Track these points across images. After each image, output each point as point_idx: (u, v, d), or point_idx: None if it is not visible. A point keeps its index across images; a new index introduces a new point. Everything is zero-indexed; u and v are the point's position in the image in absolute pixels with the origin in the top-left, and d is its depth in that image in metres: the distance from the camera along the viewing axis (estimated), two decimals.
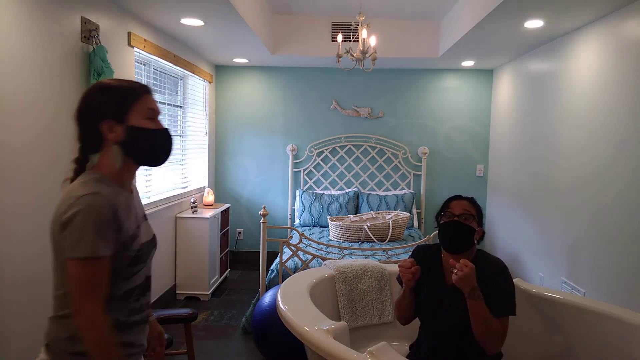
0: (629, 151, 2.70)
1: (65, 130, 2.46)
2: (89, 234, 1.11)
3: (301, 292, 2.06)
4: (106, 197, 1.15)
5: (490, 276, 1.73)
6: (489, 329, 1.64)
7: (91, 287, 1.13)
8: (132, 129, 1.21)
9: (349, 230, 4.20)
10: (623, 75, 2.77)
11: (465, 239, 1.77)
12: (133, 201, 1.29)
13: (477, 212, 1.84)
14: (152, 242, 1.34)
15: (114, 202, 1.16)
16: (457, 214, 1.79)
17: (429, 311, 1.84)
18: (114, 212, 1.15)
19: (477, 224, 1.80)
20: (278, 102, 5.27)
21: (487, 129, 5.26)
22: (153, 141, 1.26)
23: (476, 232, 1.79)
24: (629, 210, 2.69)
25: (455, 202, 1.84)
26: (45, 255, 2.33)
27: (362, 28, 3.39)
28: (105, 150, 1.24)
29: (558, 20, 3.10)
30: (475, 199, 1.90)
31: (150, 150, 1.26)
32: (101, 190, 1.16)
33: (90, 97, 1.26)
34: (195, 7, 2.98)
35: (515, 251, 4.42)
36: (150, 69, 3.68)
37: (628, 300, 2.67)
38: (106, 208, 1.14)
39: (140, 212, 1.34)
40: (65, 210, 1.14)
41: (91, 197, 1.13)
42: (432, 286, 1.84)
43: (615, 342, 1.85)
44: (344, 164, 5.28)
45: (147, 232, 1.32)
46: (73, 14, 2.49)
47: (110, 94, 1.24)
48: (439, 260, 1.88)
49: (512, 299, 1.73)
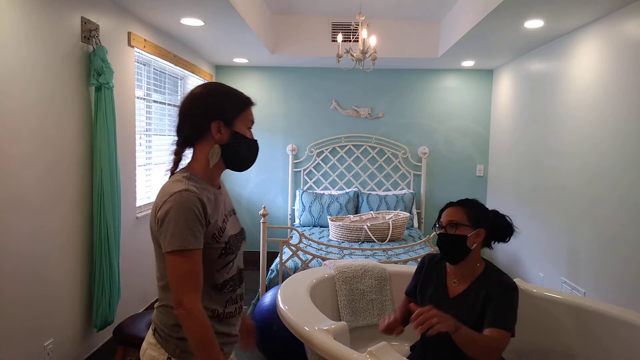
0: (630, 151, 2.70)
1: (65, 128, 2.46)
2: (180, 228, 1.20)
3: (301, 292, 2.06)
4: (195, 193, 1.24)
5: (496, 293, 1.67)
6: (481, 348, 1.57)
7: (187, 279, 1.21)
8: (236, 134, 1.33)
9: (349, 230, 4.20)
10: (623, 75, 2.77)
11: (454, 249, 1.73)
12: (221, 197, 1.38)
13: (469, 214, 1.74)
14: (240, 234, 1.42)
15: (201, 198, 1.25)
16: (443, 225, 1.76)
17: None
18: (202, 206, 1.24)
19: (470, 229, 1.72)
20: (278, 102, 5.27)
21: (487, 129, 5.26)
22: (248, 149, 1.37)
23: (471, 236, 1.72)
24: (629, 210, 2.69)
25: (445, 212, 1.80)
26: (48, 245, 2.34)
27: (362, 28, 3.39)
28: (202, 147, 1.34)
29: (558, 20, 3.10)
30: (471, 200, 1.81)
31: (244, 156, 1.37)
32: (190, 187, 1.24)
33: (208, 96, 1.34)
34: (195, 7, 2.98)
35: (515, 251, 4.42)
36: (150, 69, 3.68)
37: (628, 300, 2.67)
38: (194, 203, 1.22)
39: (228, 206, 1.42)
40: (160, 207, 1.24)
41: (181, 195, 1.22)
42: (435, 296, 1.82)
43: (616, 342, 1.85)
44: (344, 164, 5.28)
45: (234, 225, 1.41)
46: (73, 14, 2.49)
47: (226, 97, 1.35)
48: (444, 271, 1.86)
49: (512, 317, 1.65)
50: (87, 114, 2.64)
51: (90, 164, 2.67)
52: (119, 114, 2.92)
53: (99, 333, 2.83)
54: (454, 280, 1.79)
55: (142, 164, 3.51)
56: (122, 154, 2.98)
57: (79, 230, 2.61)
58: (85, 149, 2.64)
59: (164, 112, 4.03)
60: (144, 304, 3.49)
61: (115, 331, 2.52)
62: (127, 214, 3.10)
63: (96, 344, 2.84)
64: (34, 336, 2.27)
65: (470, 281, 1.76)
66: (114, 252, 2.71)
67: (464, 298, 1.74)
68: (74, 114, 2.53)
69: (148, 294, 3.56)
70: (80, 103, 2.58)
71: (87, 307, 2.70)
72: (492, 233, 1.80)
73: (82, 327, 2.67)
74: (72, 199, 2.53)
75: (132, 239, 3.20)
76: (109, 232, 2.65)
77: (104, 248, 2.64)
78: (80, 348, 2.67)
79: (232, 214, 1.43)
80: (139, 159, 3.40)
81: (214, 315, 1.32)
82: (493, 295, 1.66)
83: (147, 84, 3.62)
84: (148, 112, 3.66)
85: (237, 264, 1.39)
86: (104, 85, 2.60)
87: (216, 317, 1.33)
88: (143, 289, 3.45)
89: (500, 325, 1.61)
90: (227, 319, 1.36)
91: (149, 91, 3.66)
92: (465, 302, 1.73)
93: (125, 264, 3.03)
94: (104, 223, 2.63)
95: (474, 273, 1.76)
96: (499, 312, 1.63)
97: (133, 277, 3.25)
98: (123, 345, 2.48)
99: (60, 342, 2.48)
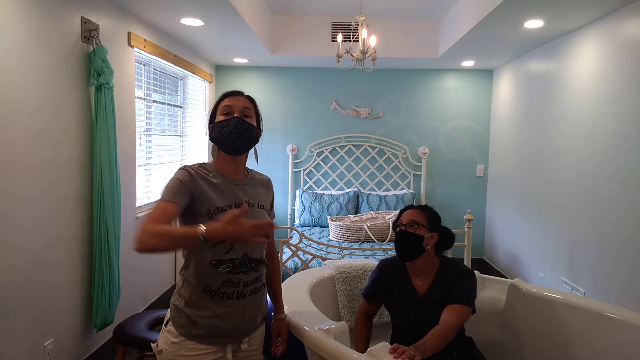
0: (630, 151, 2.70)
1: (65, 128, 2.46)
2: (166, 187, 1.43)
3: (301, 292, 2.06)
4: (190, 169, 1.47)
5: (456, 279, 1.82)
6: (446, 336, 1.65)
7: (152, 215, 1.34)
8: (214, 124, 1.53)
9: (349, 230, 4.20)
10: (623, 75, 2.77)
11: (411, 246, 1.85)
12: (235, 188, 1.53)
13: (428, 218, 1.89)
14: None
15: (194, 175, 1.46)
16: (404, 223, 1.88)
17: (404, 323, 1.91)
18: (191, 179, 1.44)
19: (427, 231, 1.86)
20: (278, 102, 5.27)
21: (487, 129, 5.26)
22: (222, 130, 1.49)
23: (427, 238, 1.85)
24: (629, 210, 2.69)
25: (407, 212, 1.93)
26: (48, 245, 2.34)
27: (362, 28, 3.38)
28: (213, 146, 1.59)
29: (558, 20, 3.10)
30: (430, 207, 1.97)
31: (222, 138, 1.50)
32: (189, 167, 1.48)
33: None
34: (195, 7, 2.98)
35: (515, 251, 4.42)
36: (150, 69, 3.68)
37: (628, 300, 2.67)
38: (184, 175, 1.44)
39: (249, 199, 1.54)
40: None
41: (180, 169, 1.48)
42: (405, 298, 1.92)
43: (615, 342, 1.85)
44: (344, 164, 5.28)
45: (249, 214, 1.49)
46: (73, 14, 2.49)
47: (214, 106, 1.58)
48: (406, 273, 1.95)
49: (471, 295, 1.80)
50: (87, 114, 2.64)
51: (90, 163, 2.67)
52: (119, 114, 2.92)
53: (99, 333, 2.83)
54: (418, 280, 1.92)
55: (142, 164, 3.51)
56: (122, 154, 2.98)
57: (79, 230, 2.61)
58: (85, 148, 2.64)
59: (164, 112, 4.03)
60: (144, 304, 3.49)
61: (115, 331, 2.51)
62: (127, 214, 3.10)
63: (96, 344, 2.84)
64: (34, 336, 2.27)
65: (432, 277, 1.90)
66: (114, 252, 2.71)
67: (431, 293, 1.87)
68: (74, 114, 2.53)
69: (148, 294, 3.56)
70: (80, 103, 2.58)
71: (87, 307, 2.70)
72: (441, 239, 1.94)
73: (82, 327, 2.67)
74: (72, 199, 2.53)
75: (132, 239, 3.18)
76: (108, 232, 2.65)
77: (103, 248, 2.64)
78: (80, 348, 2.67)
79: (255, 206, 1.55)
80: (139, 159, 3.40)
81: (205, 290, 1.45)
82: (453, 281, 1.83)
83: (147, 84, 3.62)
84: (148, 112, 3.66)
85: (242, 249, 1.48)
86: (104, 85, 2.60)
87: (208, 292, 1.46)
88: (143, 289, 3.45)
89: (459, 302, 1.77)
90: (221, 298, 1.46)
91: (149, 91, 3.66)
92: (433, 296, 1.86)
93: (125, 264, 3.03)
94: (103, 223, 2.63)
95: (433, 269, 1.91)
96: (459, 291, 1.80)
97: (133, 277, 3.25)
98: (123, 345, 2.48)
99: (60, 342, 2.48)
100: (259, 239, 1.27)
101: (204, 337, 1.46)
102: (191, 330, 1.46)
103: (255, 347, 1.61)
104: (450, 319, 1.71)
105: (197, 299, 1.46)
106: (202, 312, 1.46)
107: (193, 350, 1.45)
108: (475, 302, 1.83)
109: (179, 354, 1.46)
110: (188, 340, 1.46)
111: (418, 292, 1.90)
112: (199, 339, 1.46)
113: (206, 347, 1.46)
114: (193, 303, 1.46)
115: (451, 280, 1.83)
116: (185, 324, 1.46)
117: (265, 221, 1.32)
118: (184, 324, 1.46)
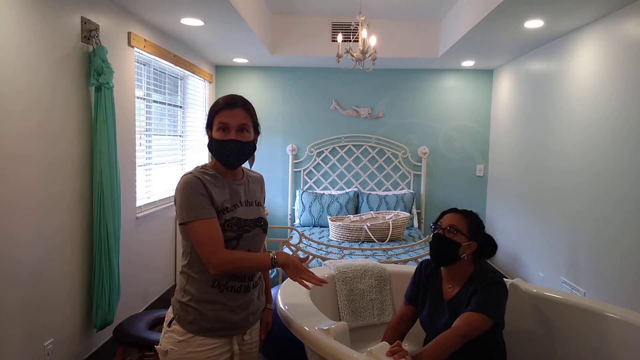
0: (630, 151, 2.70)
1: (65, 128, 2.46)
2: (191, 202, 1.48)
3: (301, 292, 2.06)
4: (198, 176, 1.50)
5: (480, 287, 1.72)
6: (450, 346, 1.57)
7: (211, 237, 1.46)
8: (211, 139, 1.56)
9: (349, 230, 4.20)
10: (623, 75, 2.77)
11: (447, 252, 1.78)
12: (237, 186, 1.60)
13: (469, 225, 1.80)
14: (255, 221, 1.60)
15: (204, 181, 1.50)
16: (443, 227, 1.81)
17: (430, 326, 1.86)
18: (204, 187, 1.49)
19: (466, 239, 1.77)
20: (278, 102, 5.27)
21: (487, 129, 5.26)
22: (220, 150, 1.53)
23: (464, 247, 1.77)
24: (629, 210, 2.69)
25: (448, 215, 1.85)
26: (48, 245, 2.34)
27: (362, 28, 3.38)
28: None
29: (558, 20, 3.10)
30: (474, 213, 1.87)
31: (218, 156, 1.55)
32: (197, 175, 1.51)
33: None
34: (195, 7, 2.98)
35: (515, 251, 4.42)
36: (150, 69, 3.68)
37: (628, 300, 2.67)
38: (199, 185, 1.48)
39: (248, 197, 1.63)
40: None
41: (186, 176, 1.51)
42: (433, 303, 1.88)
43: (615, 342, 1.85)
44: (344, 164, 5.28)
45: (249, 212, 1.60)
46: (73, 14, 2.49)
47: (211, 107, 1.58)
48: (439, 277, 1.91)
49: (491, 304, 1.67)
50: (87, 114, 2.64)
51: (90, 164, 2.67)
52: (119, 114, 2.92)
53: (99, 333, 2.83)
54: (449, 286, 1.86)
55: (142, 164, 3.51)
56: (122, 154, 2.98)
57: (79, 230, 2.61)
58: (85, 149, 2.63)
59: (164, 112, 4.02)
60: (143, 304, 3.49)
61: (115, 331, 2.51)
62: (127, 214, 3.10)
63: (96, 344, 2.84)
64: (34, 336, 2.27)
65: (462, 284, 1.82)
66: (114, 252, 2.71)
67: (456, 299, 1.80)
68: (74, 114, 2.53)
69: (148, 294, 3.56)
70: (80, 103, 2.58)
71: (86, 307, 2.70)
72: (480, 248, 1.85)
73: (82, 327, 2.67)
74: (72, 199, 2.53)
75: (132, 239, 3.20)
76: (108, 232, 2.65)
77: (103, 248, 2.64)
78: (80, 348, 2.67)
79: (254, 204, 1.63)
80: (139, 159, 3.40)
81: (214, 285, 1.52)
82: (477, 289, 1.73)
83: (147, 84, 3.62)
84: (148, 112, 3.66)
85: (246, 246, 1.55)
86: (104, 85, 2.60)
87: (217, 287, 1.52)
88: (143, 289, 3.45)
89: (473, 309, 1.66)
90: (228, 292, 1.53)
91: (149, 91, 3.66)
92: (458, 303, 1.79)
93: (125, 264, 3.03)
94: (103, 223, 2.63)
95: (465, 275, 1.82)
96: (477, 299, 1.69)
97: (133, 277, 3.25)
98: (123, 345, 2.48)
99: (60, 342, 2.48)
100: (300, 280, 1.54)
101: (214, 331, 1.51)
102: (200, 325, 1.49)
103: (255, 338, 1.69)
104: (459, 326, 1.62)
105: (206, 294, 1.51)
106: (212, 306, 1.51)
107: (201, 345, 1.49)
108: (501, 315, 1.71)
109: (186, 351, 1.49)
110: (196, 336, 1.49)
111: (444, 298, 1.84)
112: (207, 333, 1.50)
113: (214, 341, 1.51)
114: (202, 298, 1.51)
115: (475, 289, 1.73)
116: (193, 320, 1.50)
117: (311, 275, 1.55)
118: (192, 320, 1.50)
